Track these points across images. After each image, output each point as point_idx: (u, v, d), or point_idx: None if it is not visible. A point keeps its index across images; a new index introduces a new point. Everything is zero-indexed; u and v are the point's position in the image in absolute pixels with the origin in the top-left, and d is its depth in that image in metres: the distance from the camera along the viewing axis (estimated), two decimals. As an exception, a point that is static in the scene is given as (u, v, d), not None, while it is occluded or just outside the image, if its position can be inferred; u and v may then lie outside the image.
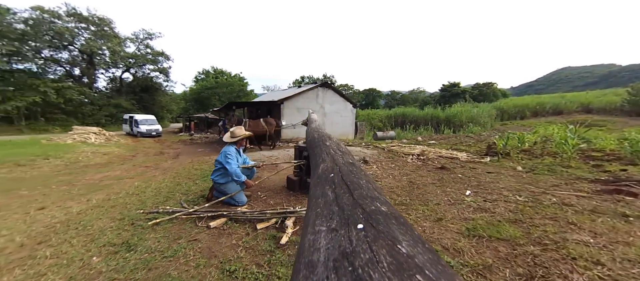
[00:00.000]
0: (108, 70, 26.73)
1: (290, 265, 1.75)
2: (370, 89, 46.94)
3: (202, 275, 1.68)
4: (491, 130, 19.91)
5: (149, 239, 2.21)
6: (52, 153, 7.58)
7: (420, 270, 0.32)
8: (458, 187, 3.49)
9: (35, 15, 18.03)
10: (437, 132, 20.26)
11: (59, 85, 18.82)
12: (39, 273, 1.74)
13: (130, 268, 1.78)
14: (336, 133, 14.00)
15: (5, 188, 4.26)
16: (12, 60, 17.52)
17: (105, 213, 2.88)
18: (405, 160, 6.21)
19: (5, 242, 2.20)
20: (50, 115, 19.02)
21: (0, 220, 2.77)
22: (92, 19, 21.30)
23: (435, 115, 23.88)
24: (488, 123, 22.52)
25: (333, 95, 13.99)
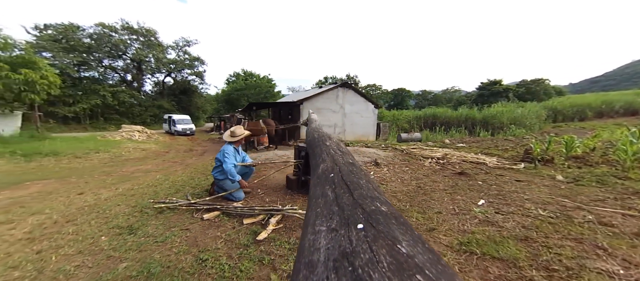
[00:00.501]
0: (153, 75, 30.41)
1: (258, 260, 1.85)
2: (399, 89, 45.15)
3: (179, 260, 1.87)
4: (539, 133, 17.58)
5: (149, 225, 2.52)
6: (102, 148, 8.95)
7: (420, 270, 0.32)
8: (471, 196, 3.25)
9: (98, 30, 21.44)
10: (472, 134, 18.63)
11: (114, 89, 22.04)
12: (58, 245, 2.13)
13: (125, 248, 2.06)
14: (356, 134, 13.83)
15: (62, 175, 5.19)
16: (81, 69, 21.05)
17: (124, 200, 3.34)
18: (422, 163, 5.92)
19: (45, 218, 2.71)
20: (108, 115, 22.31)
21: (49, 200, 3.40)
22: (141, 30, 24.50)
23: (470, 116, 21.99)
24: (535, 125, 19.94)
25: (353, 96, 13.85)
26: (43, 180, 4.76)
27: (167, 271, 1.72)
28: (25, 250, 2.06)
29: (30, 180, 4.67)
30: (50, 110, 17.41)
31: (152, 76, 30.68)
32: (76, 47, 19.65)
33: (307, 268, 0.40)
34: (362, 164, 5.86)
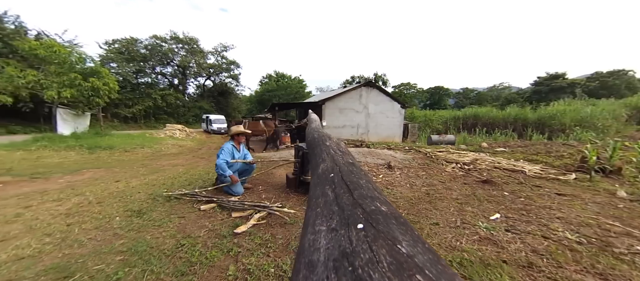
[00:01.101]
0: (196, 79, 34.00)
1: (226, 251, 2.02)
2: (437, 87, 42.12)
3: (163, 243, 2.15)
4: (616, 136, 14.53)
5: (155, 211, 2.92)
6: (147, 144, 10.43)
7: (420, 269, 0.32)
8: (486, 208, 2.98)
9: (152, 42, 24.96)
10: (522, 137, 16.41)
11: (163, 93, 25.34)
12: (83, 221, 2.63)
13: (129, 229, 2.45)
14: (381, 135, 13.42)
15: (110, 166, 6.24)
16: (138, 76, 24.75)
17: (145, 189, 3.91)
18: (443, 168, 5.59)
19: (83, 200, 3.35)
20: (158, 115, 25.74)
21: (92, 185, 4.16)
22: (185, 39, 27.68)
23: (520, 116, 19.43)
24: (611, 127, 16.61)
25: (378, 95, 13.48)
26: (95, 168, 5.81)
27: (149, 251, 2.01)
28: (60, 223, 2.59)
29: (86, 168, 5.75)
30: (114, 111, 20.88)
31: (194, 80, 34.37)
32: (135, 57, 23.23)
33: (307, 268, 0.40)
34: (374, 166, 5.75)
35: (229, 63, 33.95)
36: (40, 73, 9.35)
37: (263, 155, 7.81)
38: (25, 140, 8.57)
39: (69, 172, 5.29)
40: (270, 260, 1.84)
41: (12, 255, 1.97)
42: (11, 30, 12.95)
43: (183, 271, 1.72)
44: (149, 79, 26.26)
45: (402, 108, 14.38)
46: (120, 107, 21.88)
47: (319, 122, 4.00)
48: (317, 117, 4.24)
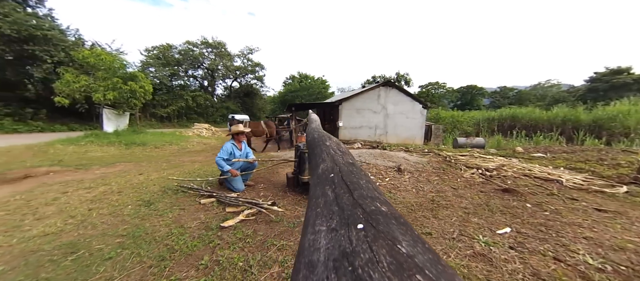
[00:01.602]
0: (223, 80, 36.30)
1: (208, 242, 2.19)
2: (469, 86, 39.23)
3: (158, 230, 2.41)
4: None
5: (162, 202, 3.25)
6: (175, 142, 11.46)
7: (420, 270, 0.33)
8: (496, 220, 2.76)
9: (185, 47, 27.25)
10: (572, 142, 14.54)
11: (194, 94, 27.50)
12: (102, 207, 3.05)
13: (135, 216, 2.78)
14: (400, 137, 12.98)
15: (139, 160, 7.02)
16: (172, 78, 27.19)
17: (160, 182, 4.35)
18: (460, 174, 5.29)
19: (108, 189, 3.86)
20: (189, 115, 27.99)
21: (119, 177, 4.75)
22: (214, 43, 29.69)
23: (570, 118, 17.28)
24: (692, 132, 13.95)
25: (397, 95, 13.04)
26: (127, 162, 6.58)
27: (144, 237, 2.27)
28: (84, 207, 3.04)
29: (119, 162, 6.54)
30: (152, 111, 23.24)
31: (222, 81, 36.69)
32: (170, 62, 25.61)
33: (307, 268, 0.40)
34: (383, 169, 5.63)
35: (254, 65, 35.58)
36: (90, 78, 10.86)
37: (275, 155, 8.07)
38: (78, 136, 10.03)
39: (105, 165, 6.09)
40: (242, 254, 1.96)
41: (40, 231, 2.38)
42: (72, 42, 15.25)
43: (164, 256, 1.93)
44: (182, 82, 28.69)
45: (424, 109, 13.70)
46: (157, 107, 24.30)
47: (318, 122, 4.05)
48: (317, 117, 4.29)
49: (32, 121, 14.15)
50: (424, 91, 39.26)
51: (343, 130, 12.66)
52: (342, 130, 12.65)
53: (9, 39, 12.65)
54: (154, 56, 25.48)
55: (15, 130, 12.98)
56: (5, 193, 3.67)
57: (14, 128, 13.02)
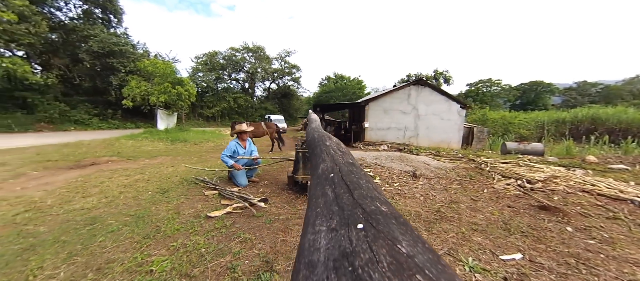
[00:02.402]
0: (263, 83, 38.95)
1: (189, 228, 2.52)
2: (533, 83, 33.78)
3: (158, 214, 2.86)
4: None
5: (174, 191, 3.80)
6: (212, 139, 12.87)
7: (420, 269, 0.33)
8: (511, 243, 2.36)
9: (228, 53, 30.21)
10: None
11: (236, 96, 30.22)
12: (129, 191, 3.72)
13: (149, 201, 3.33)
14: (433, 140, 12.06)
15: (177, 154, 8.15)
16: (217, 82, 30.37)
17: (182, 174, 5.03)
18: (490, 184, 4.71)
19: (141, 177, 4.66)
20: (231, 115, 30.84)
21: (154, 168, 5.65)
22: (254, 48, 32.08)
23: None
24: None
25: (431, 94, 12.13)
26: (167, 156, 7.72)
27: (145, 218, 2.73)
28: (117, 191, 3.76)
29: (161, 155, 7.71)
30: (200, 111, 26.39)
31: (262, 83, 39.44)
32: (215, 67, 28.74)
33: (307, 268, 0.41)
34: (398, 173, 5.43)
35: (291, 67, 37.21)
36: (149, 84, 13.01)
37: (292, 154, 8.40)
38: (139, 133, 12.12)
39: (149, 157, 7.26)
40: (209, 242, 2.21)
41: (80, 206, 3.07)
42: (140, 54, 18.50)
43: (149, 236, 2.31)
44: (225, 84, 31.80)
45: (462, 109, 12.39)
46: (203, 108, 27.51)
47: (319, 122, 4.15)
48: (317, 117, 4.40)
49: (111, 120, 17.60)
50: (473, 89, 35.30)
51: (369, 132, 12.37)
52: (369, 132, 12.36)
53: (97, 54, 16.03)
54: (202, 62, 28.94)
55: (100, 127, 16.34)
56: (74, 176, 4.75)
57: (98, 125, 16.41)
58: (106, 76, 17.18)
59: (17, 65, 11.62)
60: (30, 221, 2.61)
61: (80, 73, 17.00)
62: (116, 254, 1.97)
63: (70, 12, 16.81)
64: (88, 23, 16.55)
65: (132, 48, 18.07)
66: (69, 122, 15.24)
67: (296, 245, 2.15)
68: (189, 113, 22.96)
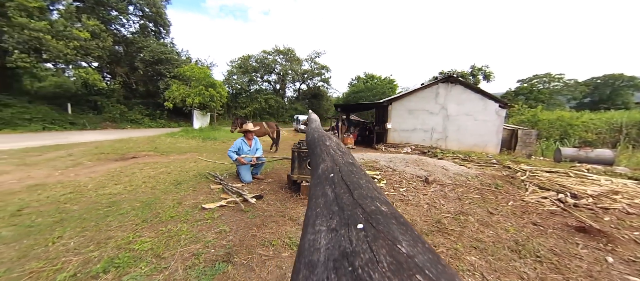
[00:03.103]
0: (293, 83, 40.28)
1: (182, 217, 2.86)
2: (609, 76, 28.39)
3: (163, 202, 3.28)
4: None
5: (187, 184, 4.27)
6: (239, 138, 13.85)
7: (420, 269, 0.33)
8: (515, 268, 2.06)
9: (260, 56, 32.00)
10: None
11: (267, 97, 31.85)
12: (149, 182, 4.30)
13: (162, 191, 3.82)
14: (464, 143, 11.11)
15: (204, 151, 9.01)
16: (250, 84, 32.37)
17: (200, 169, 5.58)
18: (519, 196, 4.11)
19: (164, 170, 5.32)
20: (262, 115, 32.60)
21: (179, 163, 6.37)
22: (284, 50, 33.37)
23: None
24: None
25: (463, 93, 11.17)
26: (195, 152, 8.59)
27: (152, 205, 3.16)
28: (141, 181, 4.38)
29: (191, 151, 8.63)
30: (233, 112, 28.48)
31: (292, 84, 40.84)
32: (248, 70, 30.72)
33: (307, 268, 0.41)
34: (409, 178, 5.24)
35: (321, 67, 37.74)
36: (187, 87, 14.59)
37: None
38: (177, 131, 13.69)
39: (179, 153, 8.19)
40: (190, 229, 2.48)
41: (109, 192, 3.69)
42: (182, 60, 20.82)
43: (148, 220, 2.69)
44: (257, 86, 33.71)
45: (502, 109, 11.09)
46: (237, 108, 29.61)
47: (319, 122, 4.22)
48: (317, 117, 4.48)
49: (159, 119, 20.16)
50: (525, 86, 31.20)
51: (392, 133, 11.92)
52: (391, 133, 11.93)
53: (149, 62, 18.56)
54: (237, 66, 31.20)
55: (149, 126, 18.85)
56: (115, 166, 5.65)
57: (149, 124, 18.95)
58: (156, 81, 19.76)
59: (90, 74, 14.14)
60: (69, 201, 3.24)
61: (136, 79, 19.86)
62: (116, 232, 2.36)
63: (130, 27, 19.81)
64: (142, 35, 19.24)
65: (177, 55, 20.44)
66: (127, 121, 17.92)
67: (264, 239, 2.29)
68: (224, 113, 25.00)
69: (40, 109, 14.01)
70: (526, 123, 16.70)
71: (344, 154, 1.34)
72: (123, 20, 18.88)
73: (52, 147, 8.10)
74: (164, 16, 19.63)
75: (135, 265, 1.78)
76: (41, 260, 1.87)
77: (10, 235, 2.28)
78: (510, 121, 18.26)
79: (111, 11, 17.67)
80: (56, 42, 12.27)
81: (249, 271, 1.76)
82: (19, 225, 2.48)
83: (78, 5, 15.86)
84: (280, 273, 1.76)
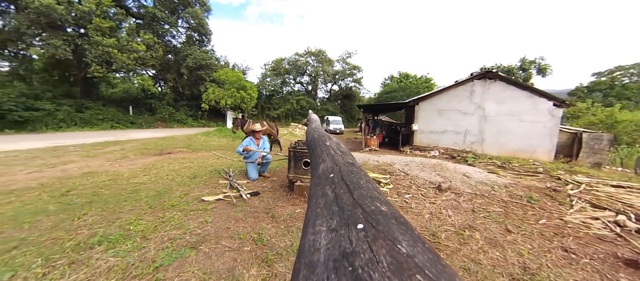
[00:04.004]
0: (325, 85, 40.78)
1: (181, 208, 3.26)
2: None
3: (173, 192, 3.77)
4: None
5: (201, 178, 4.79)
6: (266, 137, 14.68)
7: (420, 269, 0.33)
8: None
9: (293, 58, 33.21)
10: None
11: (298, 98, 32.90)
12: (171, 174, 4.94)
13: (177, 182, 4.37)
14: (506, 147, 9.94)
15: (230, 148, 9.83)
16: (283, 86, 33.82)
17: (218, 165, 6.16)
18: (561, 213, 3.57)
19: (188, 164, 6.01)
20: (294, 116, 33.78)
21: (202, 159, 7.11)
22: (315, 51, 34.03)
23: None
24: None
25: (504, 89, 9.97)
26: (222, 149, 9.43)
27: (163, 195, 3.65)
28: (165, 173, 5.05)
29: (216, 149, 9.50)
30: (267, 113, 30.13)
31: (324, 85, 41.40)
32: (281, 72, 32.19)
33: (307, 268, 0.41)
34: (421, 184, 4.99)
35: (352, 68, 37.48)
36: (221, 90, 16.04)
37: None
38: (213, 131, 15.14)
39: (208, 150, 9.09)
40: (180, 218, 2.82)
41: (136, 181, 4.36)
42: (221, 66, 22.90)
43: (153, 206, 3.14)
44: (290, 88, 35.03)
45: (557, 108, 9.52)
46: (270, 109, 31.25)
47: (319, 122, 4.30)
48: (317, 117, 4.55)
49: (200, 120, 22.55)
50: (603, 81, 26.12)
51: (419, 135, 11.27)
52: (418, 135, 11.28)
53: (192, 68, 20.91)
54: (270, 68, 32.92)
55: (192, 125, 21.23)
56: (151, 160, 6.59)
57: (191, 124, 21.35)
58: (198, 85, 22.15)
59: (145, 80, 16.57)
60: (104, 186, 3.95)
61: (183, 83, 22.54)
62: (125, 215, 2.84)
63: (180, 38, 22.63)
64: (188, 45, 21.77)
65: (216, 61, 22.58)
66: (174, 121, 20.48)
67: (235, 233, 2.49)
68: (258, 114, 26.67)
69: (109, 111, 16.95)
70: (598, 125, 14.01)
71: (344, 154, 1.36)
72: (173, 32, 21.67)
73: (112, 142, 9.78)
74: (205, 26, 21.90)
75: (123, 243, 2.15)
76: (64, 231, 2.38)
77: (54, 210, 2.93)
78: (573, 123, 15.55)
79: (164, 25, 20.44)
80: (121, 55, 14.74)
81: (207, 259, 1.97)
82: (63, 203, 3.16)
83: (139, 22, 18.76)
84: (233, 264, 1.93)
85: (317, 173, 1.03)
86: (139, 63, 16.14)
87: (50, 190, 3.69)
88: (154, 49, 16.99)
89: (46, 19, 13.07)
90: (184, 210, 3.04)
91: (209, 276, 1.74)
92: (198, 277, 1.73)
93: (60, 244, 2.12)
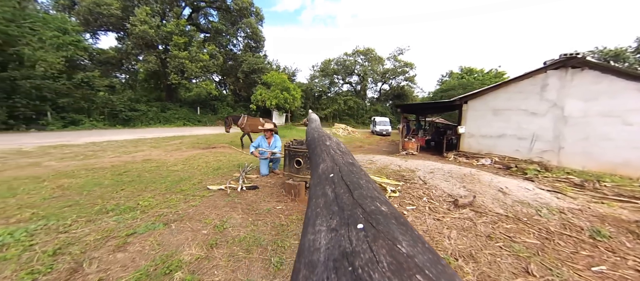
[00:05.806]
0: (375, 84, 39.62)
1: (188, 192, 3.92)
2: None
3: (190, 179, 4.55)
4: None
5: (222, 170, 5.56)
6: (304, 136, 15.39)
7: (420, 269, 0.34)
8: None
9: (340, 58, 33.51)
10: None
11: (346, 98, 33.02)
12: (203, 165, 5.89)
13: (201, 172, 5.21)
14: (600, 159, 7.91)
15: (266, 147, 10.81)
16: (331, 86, 34.48)
17: (243, 160, 6.94)
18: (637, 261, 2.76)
19: (221, 158, 6.99)
20: (341, 116, 34.07)
21: (235, 154, 8.09)
22: (363, 50, 33.44)
23: None
24: None
25: (597, 82, 7.79)
26: (258, 147, 10.45)
27: (182, 181, 4.46)
28: (199, 164, 6.04)
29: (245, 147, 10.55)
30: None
31: (374, 85, 40.27)
32: (328, 73, 32.91)
33: (307, 268, 0.42)
34: (438, 195, 4.59)
35: (404, 65, 35.30)
36: (268, 91, 17.63)
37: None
38: (259, 129, 16.83)
39: (246, 147, 10.22)
40: (178, 201, 3.43)
41: (173, 169, 5.40)
42: (272, 69, 25.09)
43: (169, 189, 3.90)
44: (337, 88, 35.45)
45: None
46: (319, 110, 32.34)
47: (318, 122, 4.40)
48: (317, 117, 4.66)
49: (253, 119, 25.24)
50: None
51: (467, 139, 9.93)
52: (466, 139, 9.95)
53: (247, 72, 23.65)
54: (319, 70, 34.01)
55: (246, 124, 23.95)
56: (196, 153, 7.91)
57: (245, 123, 24.11)
58: (252, 87, 24.88)
59: (208, 85, 19.68)
60: (149, 171, 5.06)
61: (240, 86, 25.68)
62: (146, 193, 3.64)
63: (238, 46, 25.90)
64: (244, 51, 24.68)
65: (269, 65, 24.87)
66: (231, 120, 23.59)
67: (204, 217, 2.90)
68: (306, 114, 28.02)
69: (183, 111, 20.79)
70: None
71: (344, 154, 1.40)
72: (233, 42, 24.95)
73: (178, 137, 12.04)
74: (259, 34, 24.41)
75: (126, 213, 2.83)
76: (103, 199, 3.27)
77: (107, 183, 3.99)
78: None
79: (226, 36, 23.78)
80: (191, 64, 17.95)
81: (169, 234, 2.43)
82: (115, 180, 4.25)
83: (207, 35, 22.35)
84: (184, 242, 2.31)
85: (317, 173, 1.04)
86: (204, 70, 19.25)
87: (115, 170, 4.98)
88: (216, 57, 19.98)
89: (143, 40, 17.07)
90: (186, 195, 3.68)
91: (160, 246, 2.18)
92: (152, 246, 2.19)
93: (93, 208, 2.96)
